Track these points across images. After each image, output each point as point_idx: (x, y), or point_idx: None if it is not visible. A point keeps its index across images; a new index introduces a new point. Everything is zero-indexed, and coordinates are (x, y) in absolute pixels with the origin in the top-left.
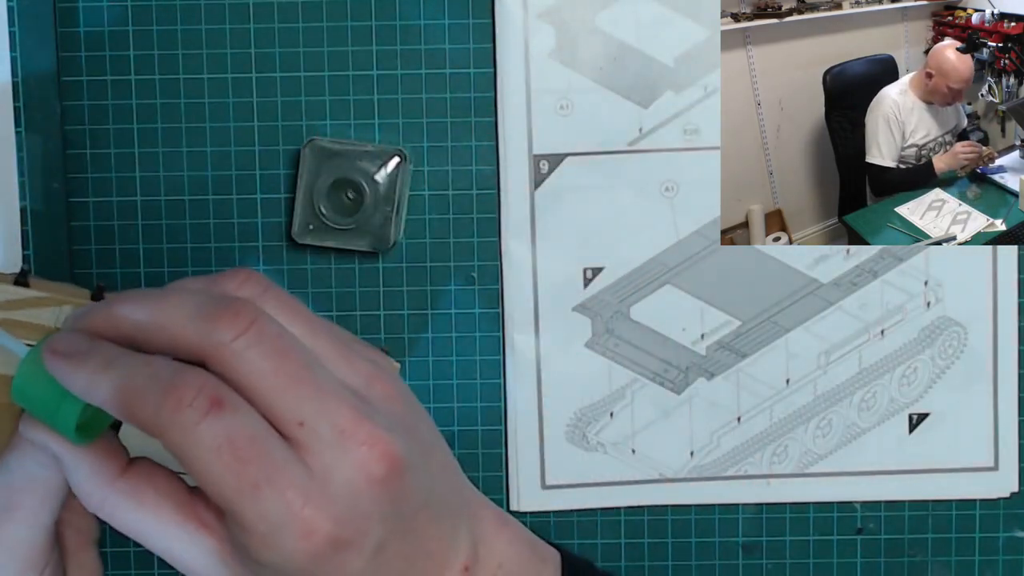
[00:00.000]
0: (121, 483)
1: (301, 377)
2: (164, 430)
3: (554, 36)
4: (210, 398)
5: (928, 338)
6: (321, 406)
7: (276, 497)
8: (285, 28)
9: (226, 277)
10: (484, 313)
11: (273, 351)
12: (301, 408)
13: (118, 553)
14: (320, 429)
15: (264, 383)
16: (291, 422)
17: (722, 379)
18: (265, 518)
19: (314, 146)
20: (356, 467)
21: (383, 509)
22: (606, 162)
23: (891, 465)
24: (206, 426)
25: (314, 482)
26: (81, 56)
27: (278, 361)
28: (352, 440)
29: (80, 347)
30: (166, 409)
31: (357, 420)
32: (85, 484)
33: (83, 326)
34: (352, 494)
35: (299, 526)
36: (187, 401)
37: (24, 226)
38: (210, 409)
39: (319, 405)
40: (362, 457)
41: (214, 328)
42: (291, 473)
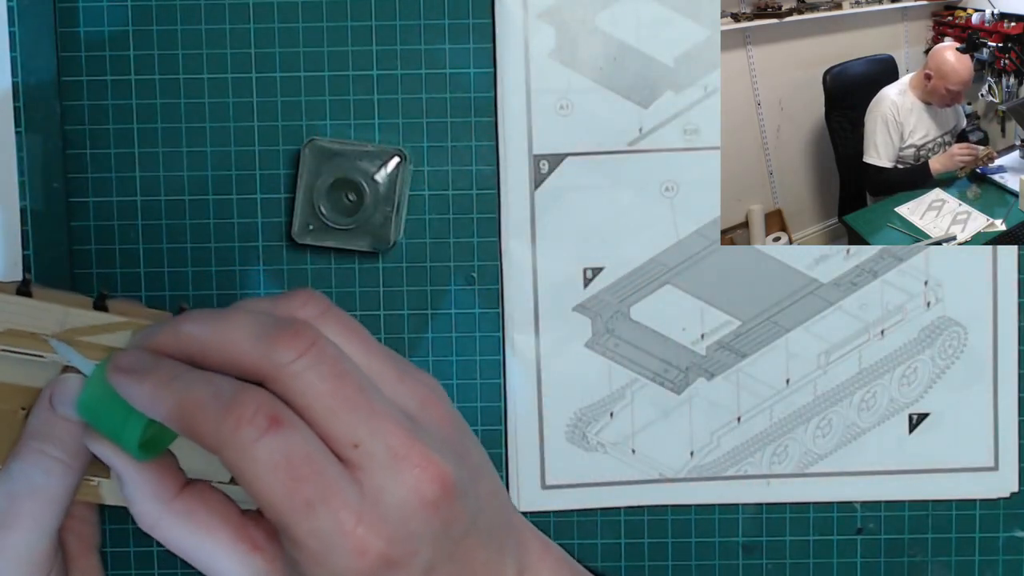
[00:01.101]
0: (177, 503)
1: (357, 399)
2: (223, 446)
3: (554, 36)
4: (269, 417)
5: (928, 338)
6: (376, 428)
7: (329, 515)
8: (285, 28)
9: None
10: (484, 313)
11: (331, 373)
12: (357, 430)
13: (118, 553)
14: (375, 451)
15: (321, 404)
16: (346, 443)
17: (722, 379)
18: (317, 536)
19: (314, 146)
20: (409, 489)
21: (433, 531)
22: (606, 162)
23: (891, 465)
24: (264, 444)
25: (367, 502)
26: (81, 56)
27: (335, 383)
28: (405, 462)
29: (144, 363)
30: (226, 426)
31: (411, 442)
32: (141, 503)
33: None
34: (404, 515)
35: (351, 544)
36: (247, 418)
37: (24, 226)
38: (269, 427)
39: (374, 427)
40: (415, 479)
41: (274, 349)
42: (345, 493)
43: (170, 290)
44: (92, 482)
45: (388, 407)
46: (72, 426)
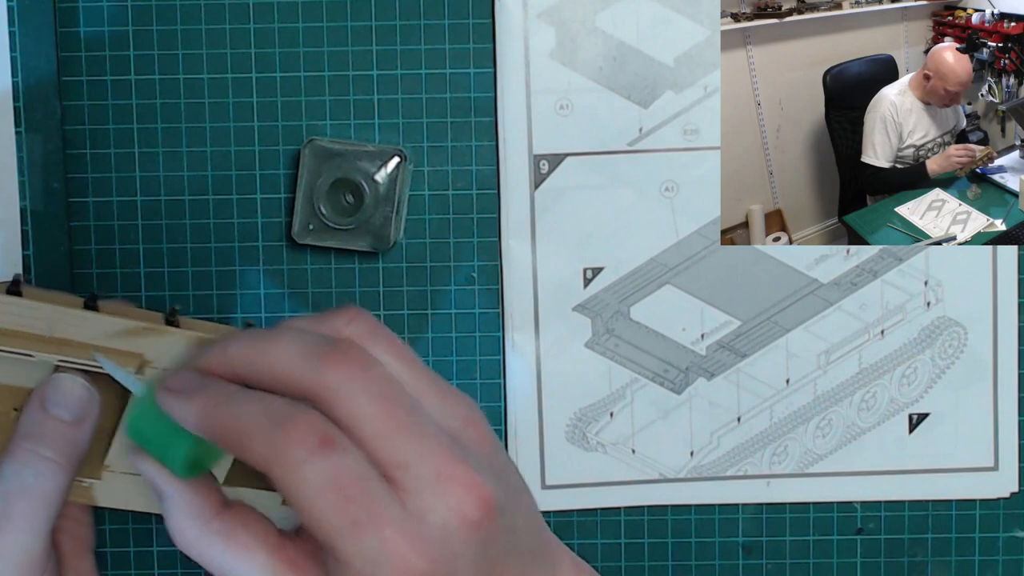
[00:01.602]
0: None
1: (405, 422)
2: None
3: (554, 36)
4: (321, 437)
5: (928, 338)
6: (423, 450)
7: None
8: (285, 28)
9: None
10: (484, 313)
11: (380, 396)
12: (404, 452)
13: (118, 553)
14: (421, 472)
15: (370, 426)
16: (393, 465)
17: (722, 379)
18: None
19: (314, 146)
20: (452, 509)
21: (474, 550)
22: (606, 162)
23: (891, 465)
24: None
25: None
26: (81, 56)
27: (384, 406)
28: (449, 483)
29: (194, 384)
30: (277, 444)
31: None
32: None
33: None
34: (446, 535)
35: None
36: (298, 438)
37: (24, 226)
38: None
39: (421, 449)
40: (458, 499)
41: (324, 370)
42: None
43: (170, 290)
44: (84, 483)
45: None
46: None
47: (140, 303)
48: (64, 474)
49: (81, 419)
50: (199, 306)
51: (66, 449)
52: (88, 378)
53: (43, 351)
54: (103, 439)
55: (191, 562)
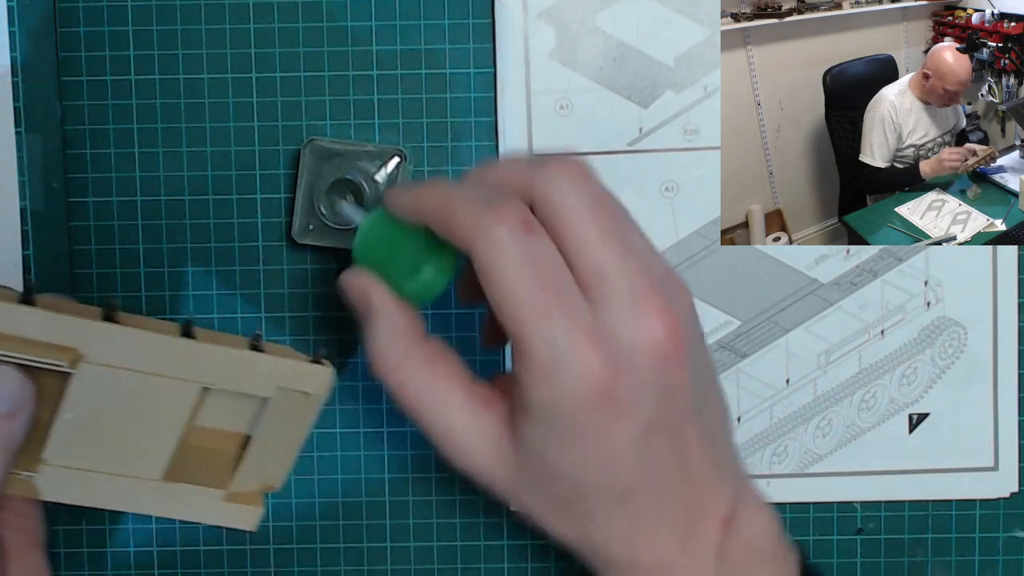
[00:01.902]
0: (420, 348)
1: (613, 231)
2: (478, 238)
3: (554, 36)
4: (525, 220)
5: (928, 338)
6: (624, 265)
7: (564, 325)
8: (285, 28)
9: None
10: (484, 313)
11: (594, 201)
12: (605, 260)
13: (118, 553)
14: (617, 284)
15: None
16: (592, 272)
17: (722, 379)
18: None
19: (314, 146)
20: (642, 330)
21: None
22: (606, 162)
23: (891, 465)
24: (515, 242)
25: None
26: (81, 56)
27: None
28: (645, 306)
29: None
30: (484, 221)
31: (654, 290)
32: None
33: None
34: (633, 353)
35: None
36: (505, 217)
37: (24, 226)
38: (524, 229)
39: (622, 263)
40: (651, 324)
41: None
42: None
43: (170, 290)
44: (21, 476)
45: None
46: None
47: (140, 303)
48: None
49: (15, 411)
50: (199, 306)
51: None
52: (24, 371)
53: None
54: (40, 432)
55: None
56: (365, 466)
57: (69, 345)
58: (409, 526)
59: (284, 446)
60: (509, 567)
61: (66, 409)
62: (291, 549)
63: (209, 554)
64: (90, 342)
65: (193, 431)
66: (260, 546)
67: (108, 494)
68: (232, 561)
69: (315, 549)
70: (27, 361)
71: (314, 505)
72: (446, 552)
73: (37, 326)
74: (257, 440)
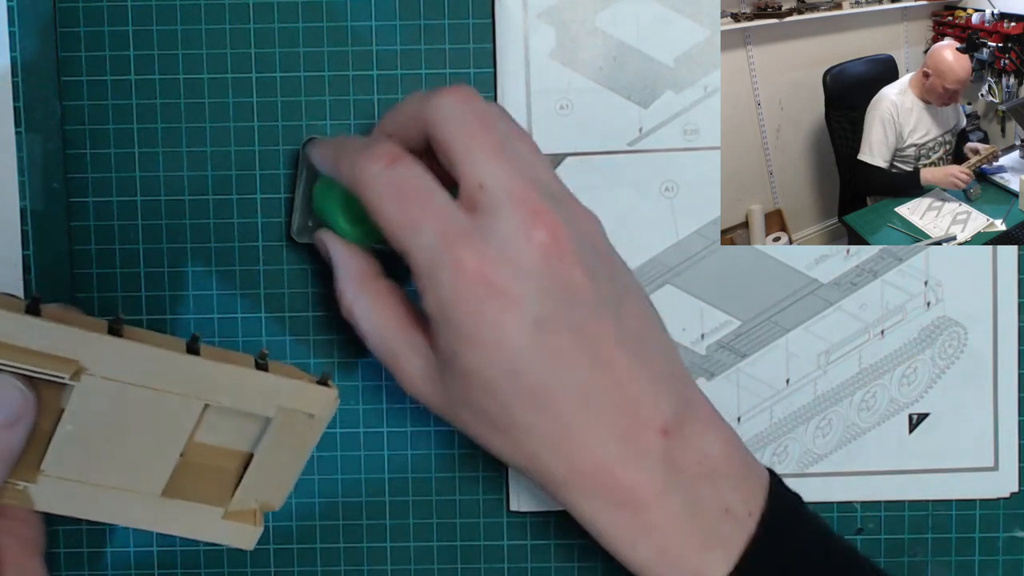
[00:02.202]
0: (370, 286)
1: (492, 144)
2: (358, 182)
3: (554, 36)
4: (390, 154)
5: (928, 338)
6: (503, 173)
7: (434, 232)
8: (285, 28)
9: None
10: None
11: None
12: (484, 171)
13: (118, 553)
14: (496, 193)
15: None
16: (474, 184)
17: (722, 379)
18: (425, 250)
19: None
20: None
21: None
22: (606, 162)
23: (891, 465)
24: (382, 173)
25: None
26: (81, 56)
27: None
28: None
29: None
30: (359, 163)
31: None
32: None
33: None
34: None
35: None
36: (374, 157)
37: (24, 226)
38: (389, 162)
39: (501, 172)
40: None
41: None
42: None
43: (170, 290)
44: (19, 486)
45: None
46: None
47: (140, 303)
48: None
49: (14, 421)
50: (199, 306)
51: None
52: (25, 381)
53: None
54: (40, 443)
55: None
56: (365, 466)
57: (72, 357)
58: (409, 526)
59: (286, 466)
60: (509, 567)
61: (66, 421)
62: (291, 549)
63: (209, 554)
64: (93, 355)
65: (194, 447)
66: (260, 546)
67: (105, 508)
68: (232, 561)
69: (315, 549)
70: (29, 371)
71: (314, 505)
72: (446, 552)
73: (40, 337)
74: (259, 459)
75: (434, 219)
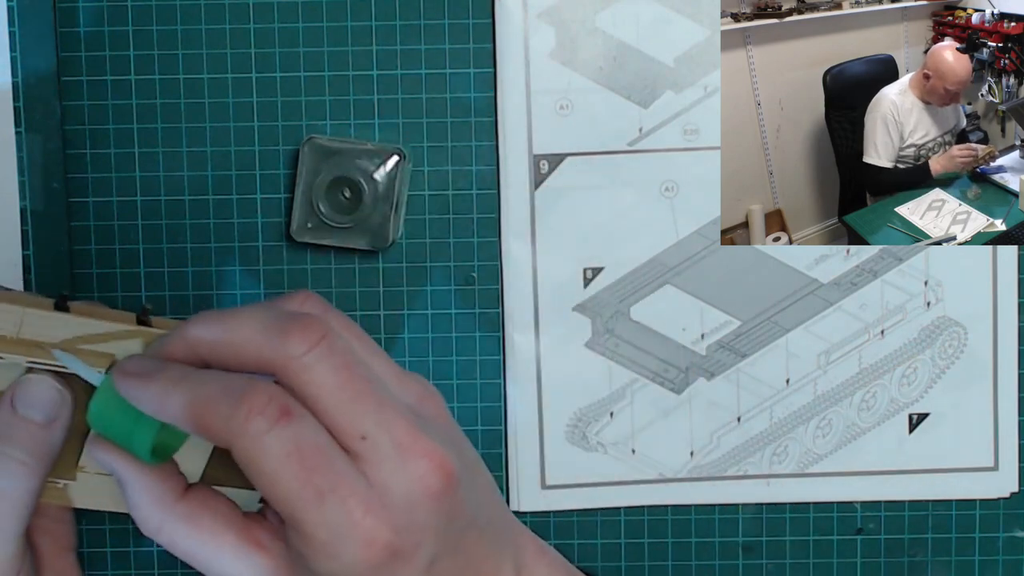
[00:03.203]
0: (180, 507)
1: (365, 392)
2: (234, 438)
3: (554, 36)
4: (280, 407)
5: (928, 338)
6: (382, 421)
7: (339, 505)
8: (285, 28)
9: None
10: (484, 313)
11: (341, 366)
12: (364, 422)
13: (118, 553)
14: (381, 443)
15: (331, 397)
16: (354, 436)
17: (722, 379)
18: (327, 526)
19: (313, 144)
20: (414, 479)
21: (437, 522)
22: (606, 162)
23: (891, 465)
24: (275, 434)
25: (374, 493)
26: (81, 56)
27: (345, 376)
28: (410, 453)
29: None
30: (237, 417)
31: (415, 435)
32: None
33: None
34: (410, 505)
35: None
36: (258, 409)
37: (24, 226)
38: (280, 418)
39: (380, 420)
40: (421, 470)
41: (286, 341)
42: (353, 483)
43: (170, 290)
44: (58, 484)
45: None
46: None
47: (140, 303)
48: (35, 476)
49: (52, 420)
50: (199, 306)
51: (37, 451)
52: (60, 379)
53: (12, 353)
54: (77, 440)
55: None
56: None
57: (105, 352)
58: None
59: None
60: None
61: None
62: None
63: None
64: (124, 347)
65: None
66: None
67: None
68: None
69: None
70: (63, 369)
71: None
72: None
73: (72, 333)
74: None
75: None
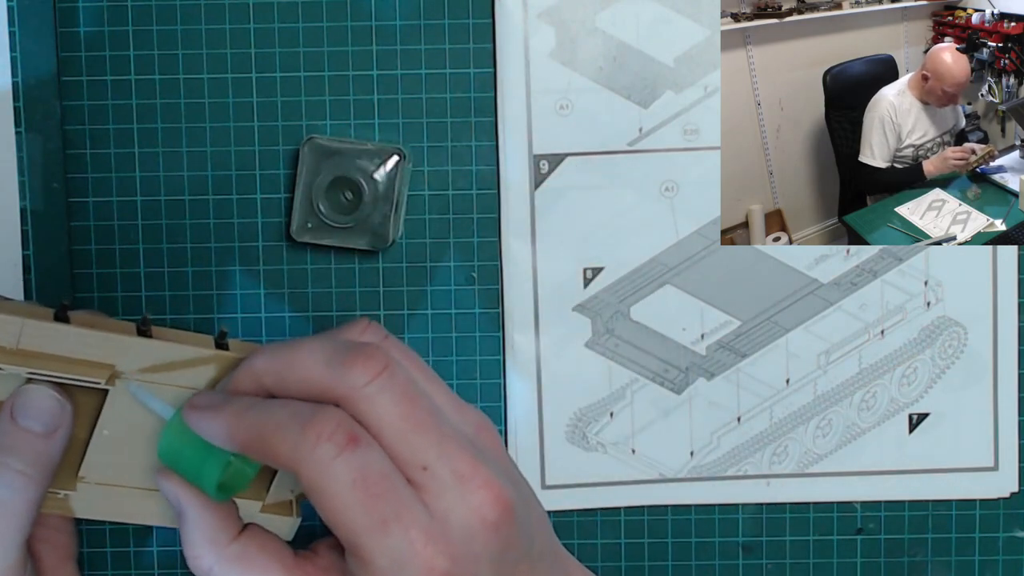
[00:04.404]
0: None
1: (427, 423)
2: (301, 464)
3: (554, 36)
4: (347, 434)
5: (928, 338)
6: (443, 451)
7: (402, 534)
8: (285, 28)
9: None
10: (484, 313)
11: (403, 396)
12: (426, 453)
13: (118, 553)
14: (441, 473)
15: (394, 427)
16: (415, 466)
17: (722, 379)
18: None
19: (313, 144)
20: (473, 510)
21: (492, 552)
22: (606, 162)
23: (891, 465)
24: (342, 461)
25: (434, 522)
26: (81, 56)
27: (407, 407)
28: (470, 484)
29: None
30: (305, 444)
31: (475, 466)
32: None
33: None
34: (468, 535)
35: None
36: (326, 435)
37: (24, 226)
38: (347, 444)
39: (441, 450)
40: (479, 501)
41: (349, 372)
42: (415, 512)
43: (170, 290)
44: (59, 494)
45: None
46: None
47: (140, 303)
48: (35, 486)
49: (52, 430)
50: (199, 306)
51: (37, 461)
52: (60, 390)
53: (12, 363)
54: (77, 450)
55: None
56: None
57: (104, 362)
58: None
59: None
60: None
61: (102, 426)
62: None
63: None
64: (125, 357)
65: None
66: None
67: (144, 510)
68: None
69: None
70: (63, 379)
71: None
72: None
73: (72, 343)
74: None
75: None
